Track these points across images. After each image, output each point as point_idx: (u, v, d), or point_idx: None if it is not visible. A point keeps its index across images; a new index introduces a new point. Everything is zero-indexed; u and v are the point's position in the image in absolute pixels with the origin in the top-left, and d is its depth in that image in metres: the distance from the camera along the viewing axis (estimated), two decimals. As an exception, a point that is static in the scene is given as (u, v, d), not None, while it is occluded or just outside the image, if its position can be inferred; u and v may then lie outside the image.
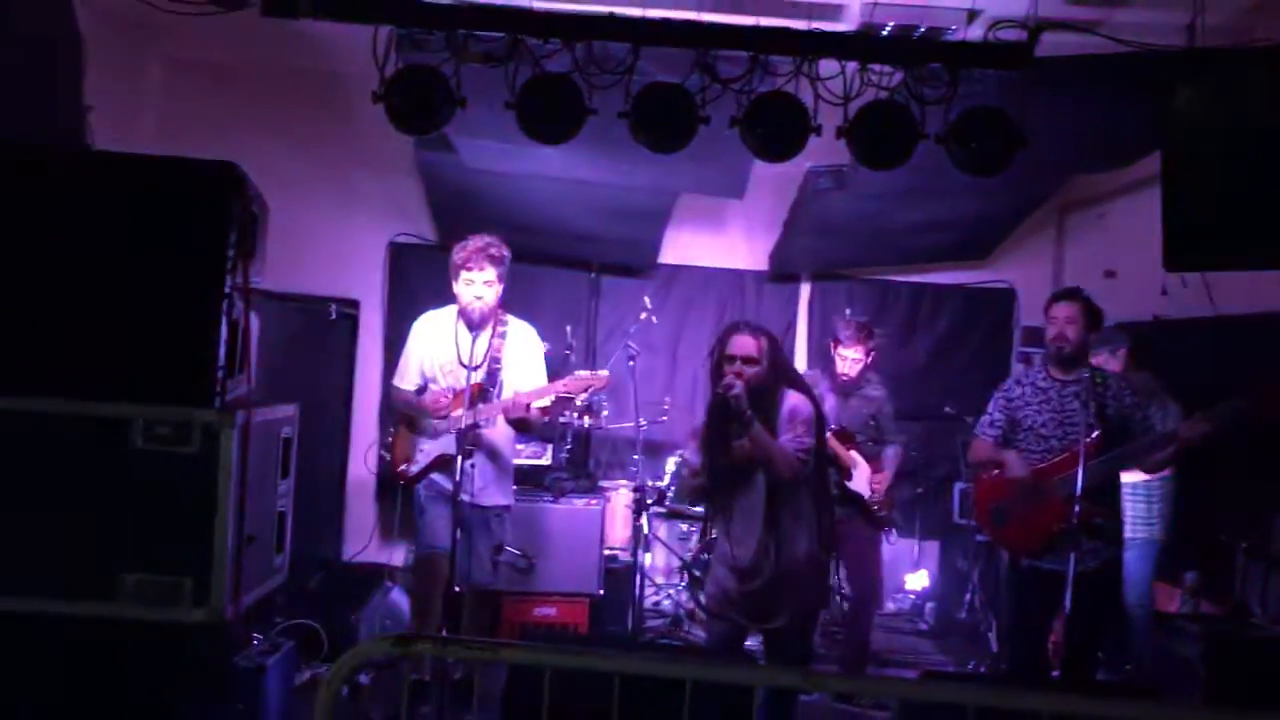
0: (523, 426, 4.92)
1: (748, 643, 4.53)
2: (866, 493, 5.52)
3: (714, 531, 4.21)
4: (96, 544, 3.20)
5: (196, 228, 3.32)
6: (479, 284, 4.72)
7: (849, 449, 5.52)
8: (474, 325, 4.78)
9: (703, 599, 4.33)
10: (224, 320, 3.33)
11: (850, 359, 5.52)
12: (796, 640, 4.06)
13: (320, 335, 6.84)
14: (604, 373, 4.90)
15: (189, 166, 3.36)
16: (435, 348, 4.90)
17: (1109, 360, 5.42)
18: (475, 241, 4.72)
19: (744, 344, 3.94)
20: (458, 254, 4.73)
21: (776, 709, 3.91)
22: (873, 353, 5.61)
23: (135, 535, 3.21)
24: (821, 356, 6.28)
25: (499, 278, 4.75)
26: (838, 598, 6.13)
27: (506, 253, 4.77)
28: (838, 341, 5.57)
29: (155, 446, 3.22)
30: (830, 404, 5.46)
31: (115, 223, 3.30)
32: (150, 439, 3.23)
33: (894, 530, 6.71)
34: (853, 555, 5.63)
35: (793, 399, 3.99)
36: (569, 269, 7.35)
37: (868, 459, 5.57)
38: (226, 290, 3.33)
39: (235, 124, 6.56)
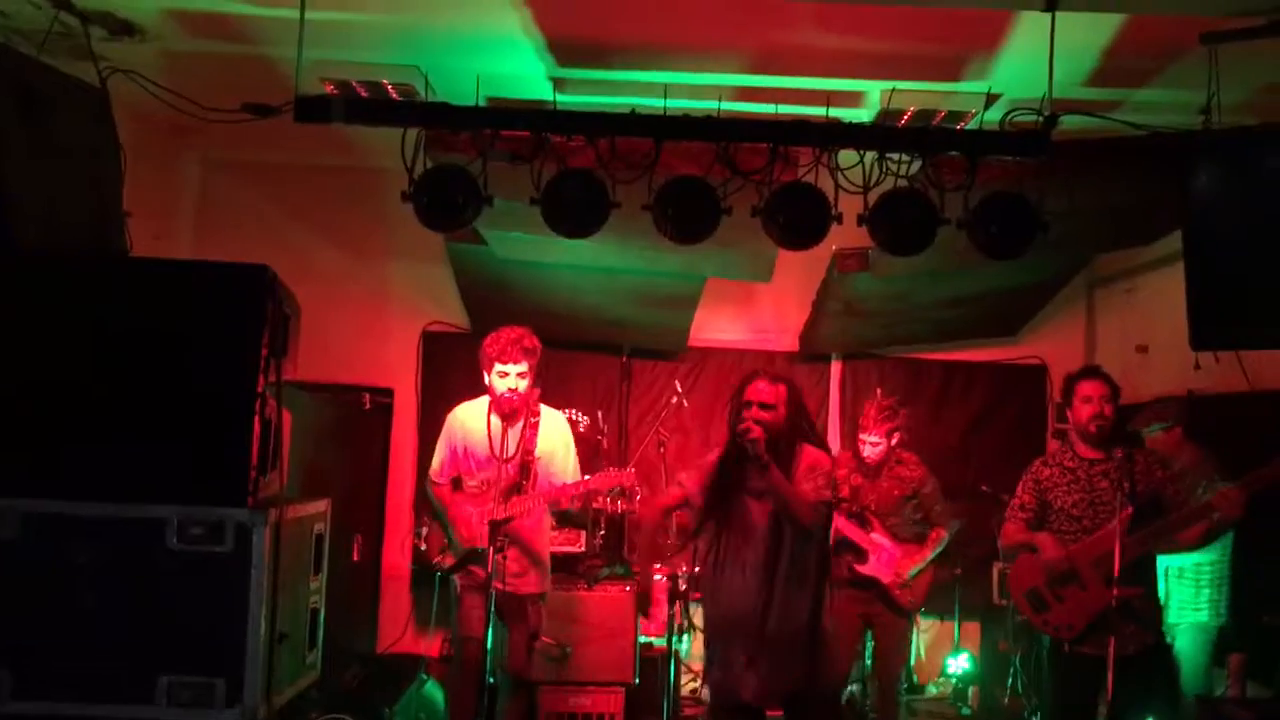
0: (560, 514, 4.98)
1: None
2: (886, 578, 5.44)
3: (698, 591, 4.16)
4: (132, 645, 3.24)
5: (230, 329, 3.41)
6: (513, 376, 4.77)
7: (869, 531, 5.45)
8: (507, 417, 4.83)
9: (707, 692, 4.19)
10: (257, 419, 3.40)
11: (870, 442, 5.47)
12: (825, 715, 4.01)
13: (355, 425, 6.90)
14: (630, 470, 4.98)
15: (223, 271, 3.46)
16: (469, 439, 4.94)
17: (1161, 437, 5.30)
18: (508, 334, 4.78)
19: (762, 391, 3.95)
20: (490, 347, 4.79)
21: None
22: (896, 433, 5.53)
23: (170, 636, 3.25)
24: (852, 439, 6.25)
25: (531, 369, 4.81)
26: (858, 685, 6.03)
27: (538, 344, 4.84)
28: (860, 425, 5.53)
29: (189, 546, 3.27)
30: (857, 483, 5.43)
31: (152, 326, 3.40)
32: (184, 539, 3.28)
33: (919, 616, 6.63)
34: (878, 640, 5.55)
35: (812, 453, 3.97)
36: (600, 353, 7.40)
37: (906, 544, 5.50)
38: (259, 390, 3.40)
39: (270, 220, 6.76)
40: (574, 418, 5.18)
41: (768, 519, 3.91)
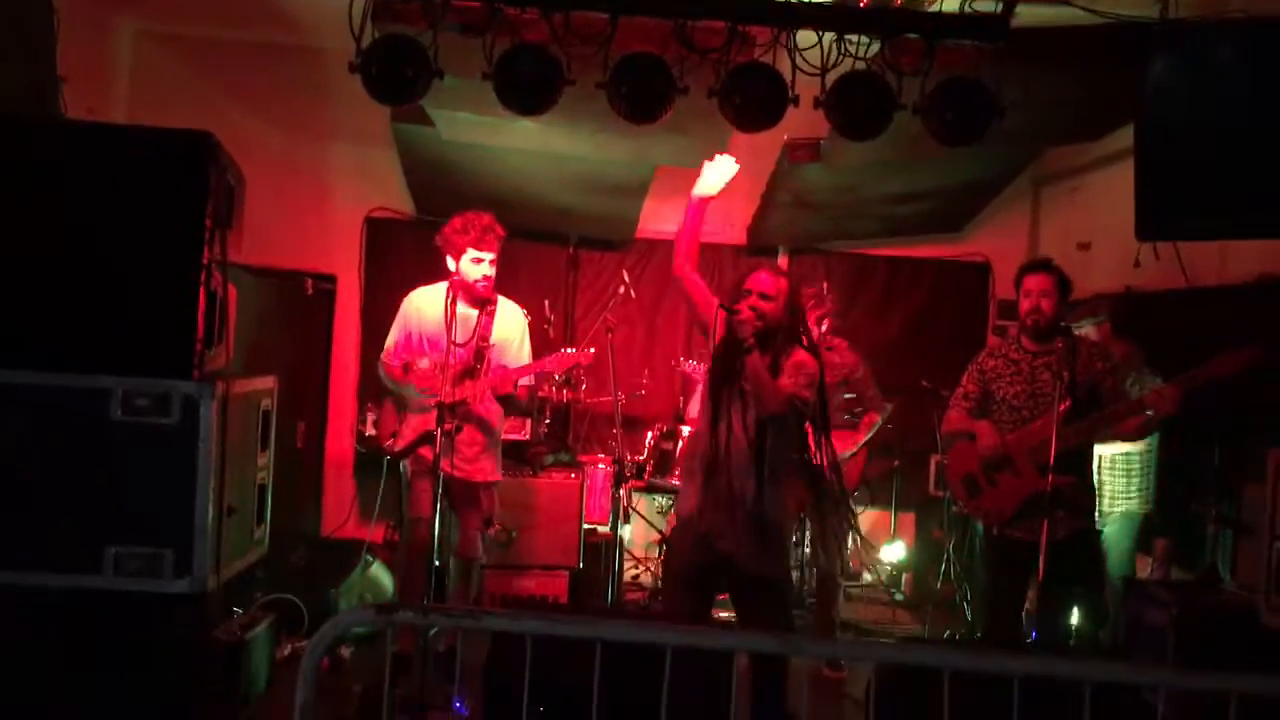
0: (508, 402, 4.96)
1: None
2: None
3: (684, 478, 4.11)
4: (78, 517, 3.20)
5: (173, 198, 3.32)
6: (486, 263, 4.79)
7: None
8: (480, 303, 4.81)
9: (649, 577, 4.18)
10: (202, 291, 3.33)
11: None
12: (775, 608, 4.02)
13: (297, 310, 6.81)
14: (590, 350, 4.97)
15: (164, 136, 3.35)
16: (426, 324, 4.91)
17: (1091, 332, 5.42)
18: (478, 220, 4.77)
19: (764, 281, 3.92)
20: (462, 234, 4.75)
21: (767, 676, 3.92)
22: (826, 319, 5.54)
23: (117, 507, 3.22)
24: None
25: (498, 256, 4.79)
26: (804, 570, 6.16)
27: (504, 231, 4.83)
28: None
29: (134, 418, 3.23)
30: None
31: (91, 193, 3.29)
32: (129, 410, 3.23)
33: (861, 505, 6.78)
34: (814, 526, 5.65)
35: (802, 354, 3.94)
36: (547, 243, 7.36)
37: (838, 427, 5.54)
38: (204, 261, 3.32)
39: (208, 97, 6.53)
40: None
41: (740, 400, 3.90)
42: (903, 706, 3.02)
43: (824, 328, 5.53)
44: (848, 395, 5.66)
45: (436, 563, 4.70)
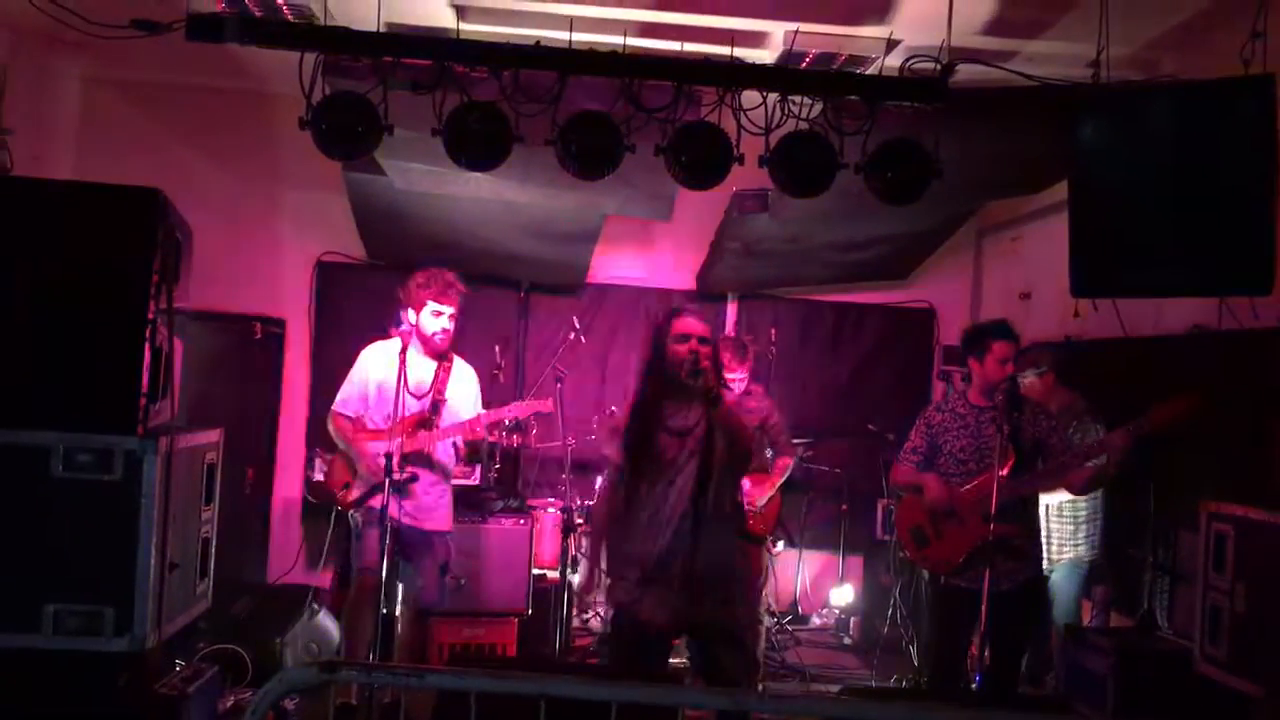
0: (474, 449, 5.01)
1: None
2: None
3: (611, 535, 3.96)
4: (17, 574, 3.17)
5: (119, 254, 3.32)
6: (445, 317, 4.84)
7: None
8: (438, 357, 4.87)
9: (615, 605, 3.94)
10: (147, 347, 3.32)
11: (735, 379, 5.47)
12: (739, 656, 3.95)
13: (246, 356, 6.79)
14: (549, 400, 5.03)
15: (112, 193, 3.35)
16: (383, 378, 4.91)
17: (1035, 382, 5.51)
18: (443, 275, 4.83)
19: (696, 325, 3.81)
20: (428, 287, 4.80)
21: None
22: (750, 366, 5.61)
23: (56, 564, 3.20)
24: None
25: (459, 311, 4.86)
26: None
27: (465, 289, 4.89)
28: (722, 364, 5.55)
29: (76, 475, 3.21)
30: None
31: (35, 249, 3.29)
32: (71, 467, 3.21)
33: (780, 543, 6.82)
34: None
35: (725, 393, 3.92)
36: (499, 287, 7.37)
37: (753, 474, 5.61)
38: (150, 317, 3.32)
39: (158, 142, 6.52)
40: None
41: (687, 456, 3.78)
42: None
43: (748, 376, 5.61)
44: (762, 444, 5.73)
45: (384, 612, 4.68)
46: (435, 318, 4.82)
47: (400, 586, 4.93)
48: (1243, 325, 4.71)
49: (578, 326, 6.87)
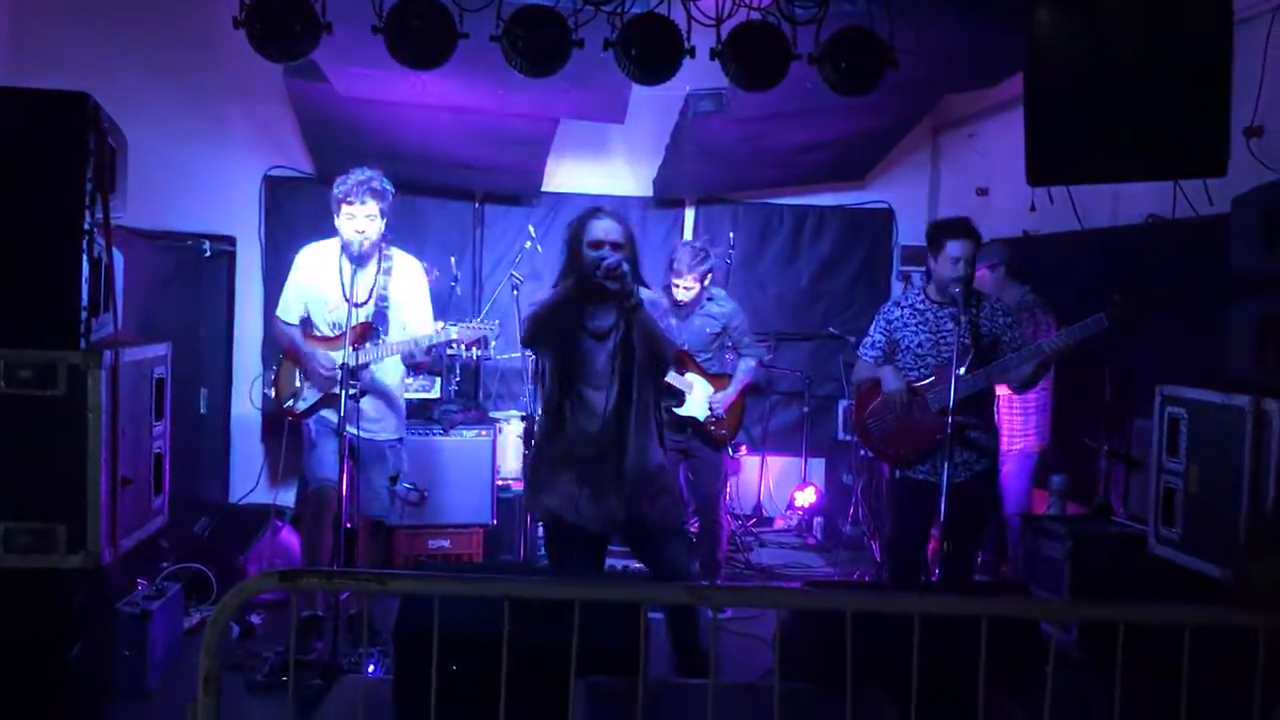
0: (413, 365, 4.93)
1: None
2: (703, 414, 5.57)
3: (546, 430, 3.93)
4: (-38, 493, 3.11)
5: (50, 162, 3.21)
6: (360, 218, 4.63)
7: (684, 371, 5.53)
8: (357, 260, 4.70)
9: (543, 513, 3.95)
10: (85, 257, 3.23)
11: (683, 286, 5.45)
12: (682, 551, 4.05)
13: (196, 274, 6.66)
14: (494, 323, 4.93)
15: (39, 98, 3.22)
16: (319, 281, 4.81)
17: (987, 276, 5.54)
18: (356, 175, 4.64)
19: (612, 229, 3.75)
20: (338, 188, 4.65)
21: (682, 623, 3.99)
22: (709, 274, 5.55)
23: (3, 482, 3.13)
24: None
25: (381, 212, 4.67)
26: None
27: (389, 186, 4.70)
28: (673, 270, 5.48)
29: (18, 390, 3.13)
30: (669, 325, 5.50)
31: (-38, 159, 3.16)
32: (13, 383, 3.13)
33: (742, 448, 6.88)
34: (695, 474, 5.71)
35: (648, 293, 3.86)
36: (452, 199, 7.25)
37: (717, 378, 5.64)
38: (86, 226, 3.22)
39: (93, 53, 6.28)
40: (427, 270, 5.06)
41: (610, 360, 3.78)
42: (810, 647, 3.10)
43: (705, 282, 5.55)
44: (727, 343, 5.72)
45: (348, 525, 4.66)
46: (349, 220, 4.63)
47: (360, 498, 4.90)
48: (1198, 213, 4.73)
49: (534, 236, 6.79)
